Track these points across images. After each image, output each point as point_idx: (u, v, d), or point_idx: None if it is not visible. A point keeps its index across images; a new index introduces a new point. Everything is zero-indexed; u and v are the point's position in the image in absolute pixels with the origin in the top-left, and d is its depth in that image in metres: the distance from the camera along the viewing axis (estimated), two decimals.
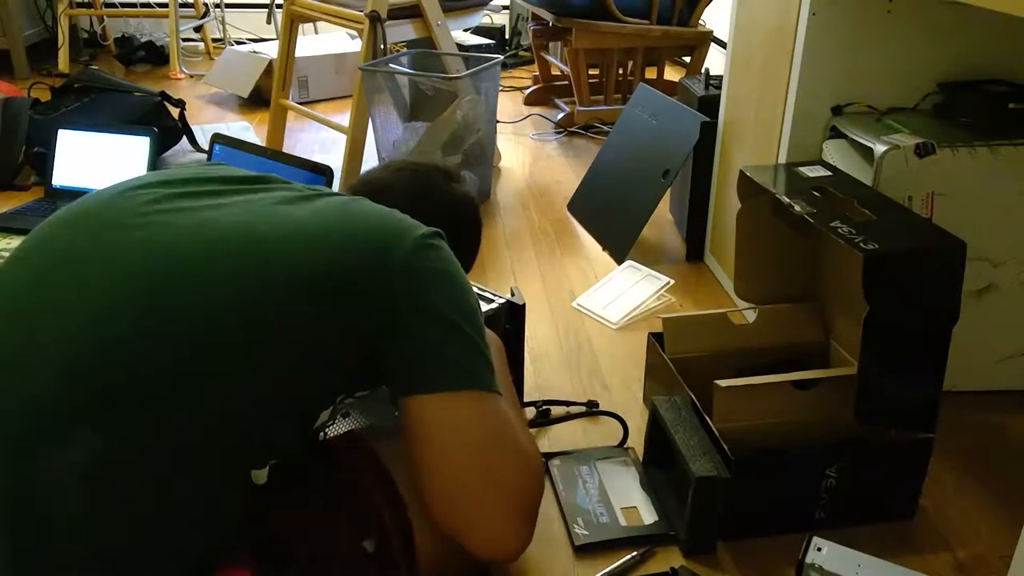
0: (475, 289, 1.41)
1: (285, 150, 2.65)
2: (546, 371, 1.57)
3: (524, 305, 1.40)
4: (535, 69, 3.41)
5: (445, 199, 1.10)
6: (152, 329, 0.74)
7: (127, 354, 0.73)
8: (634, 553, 1.13)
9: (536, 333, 1.70)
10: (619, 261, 1.99)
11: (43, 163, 2.27)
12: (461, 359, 0.84)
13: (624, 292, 1.85)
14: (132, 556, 0.73)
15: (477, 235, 1.15)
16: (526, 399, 1.47)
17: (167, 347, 0.74)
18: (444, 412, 0.83)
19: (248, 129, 2.98)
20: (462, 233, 1.10)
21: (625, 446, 1.35)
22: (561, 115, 3.08)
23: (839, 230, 1.11)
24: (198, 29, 4.01)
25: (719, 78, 1.99)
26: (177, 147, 2.62)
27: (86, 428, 0.72)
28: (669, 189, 2.06)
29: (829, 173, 1.34)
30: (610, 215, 2.14)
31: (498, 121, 2.50)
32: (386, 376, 0.87)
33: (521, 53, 4.03)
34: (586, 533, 1.16)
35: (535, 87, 3.36)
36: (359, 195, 0.99)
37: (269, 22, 3.10)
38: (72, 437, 0.72)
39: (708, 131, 1.91)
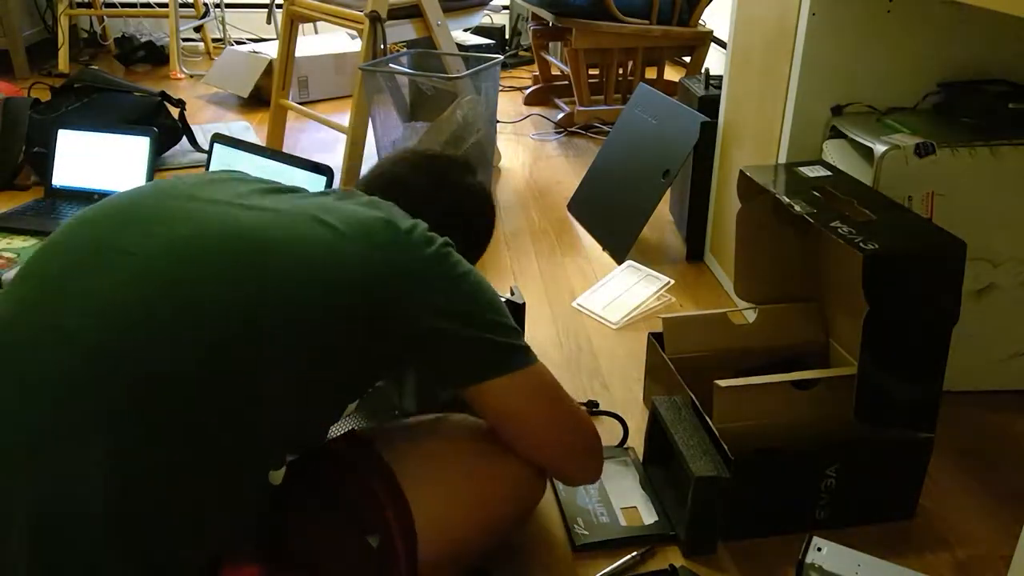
0: None
1: (285, 150, 2.65)
2: None
3: (524, 305, 1.40)
4: (535, 69, 3.41)
5: (460, 191, 1.10)
6: (179, 325, 0.75)
7: (153, 351, 0.74)
8: (634, 553, 1.13)
9: (536, 333, 1.70)
10: (619, 261, 1.99)
11: (43, 163, 2.27)
12: (506, 345, 0.91)
13: (624, 292, 1.85)
14: (154, 557, 0.73)
15: (491, 227, 1.16)
16: None
17: (195, 344, 0.74)
18: (513, 390, 0.92)
19: (248, 129, 2.98)
20: (476, 225, 1.12)
21: (625, 446, 1.35)
22: (561, 115, 3.08)
23: (839, 230, 1.11)
24: (198, 29, 4.00)
25: (719, 78, 1.99)
26: (177, 147, 2.62)
27: (111, 424, 0.72)
28: (669, 189, 2.06)
29: (829, 173, 1.34)
30: (610, 215, 2.14)
31: (498, 121, 2.50)
32: (439, 372, 0.93)
33: (521, 53, 4.03)
34: (586, 533, 1.16)
35: (535, 87, 3.36)
36: (372, 188, 1.03)
37: (269, 22, 3.10)
38: (96, 432, 0.71)
39: (708, 131, 1.91)
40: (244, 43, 3.90)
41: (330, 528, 0.88)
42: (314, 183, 1.87)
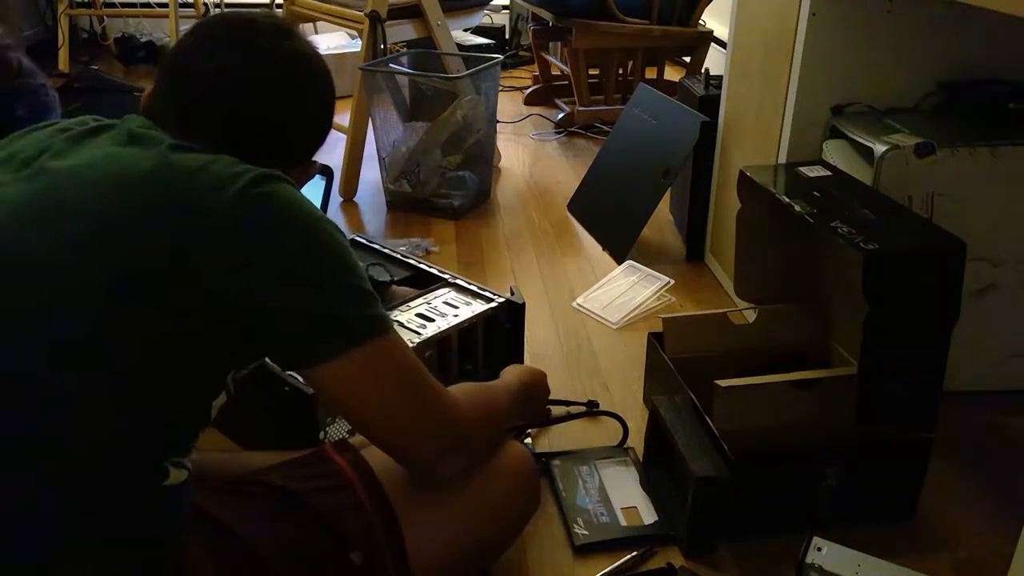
0: (475, 289, 1.41)
1: None
2: (546, 371, 1.56)
3: (524, 305, 1.40)
4: (535, 69, 3.41)
5: (282, 61, 0.88)
6: None
7: None
8: (634, 553, 1.13)
9: (536, 333, 1.70)
10: (619, 261, 1.99)
11: None
12: (345, 314, 0.79)
13: (624, 292, 1.85)
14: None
15: (328, 94, 0.96)
16: None
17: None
18: (349, 374, 0.79)
19: None
20: (311, 96, 0.93)
21: (625, 446, 1.35)
22: (561, 115, 3.08)
23: (839, 230, 1.11)
24: None
25: (719, 78, 1.99)
26: None
27: None
28: (669, 189, 2.06)
29: (829, 173, 1.34)
30: (610, 215, 2.14)
31: (498, 121, 2.50)
32: (271, 352, 0.83)
33: (521, 53, 4.03)
34: (586, 533, 1.16)
35: (535, 87, 3.36)
36: (173, 84, 0.87)
37: None
38: None
39: (708, 131, 1.91)
40: None
41: (312, 544, 0.85)
42: (314, 183, 1.87)
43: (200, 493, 0.84)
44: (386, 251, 1.53)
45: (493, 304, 1.38)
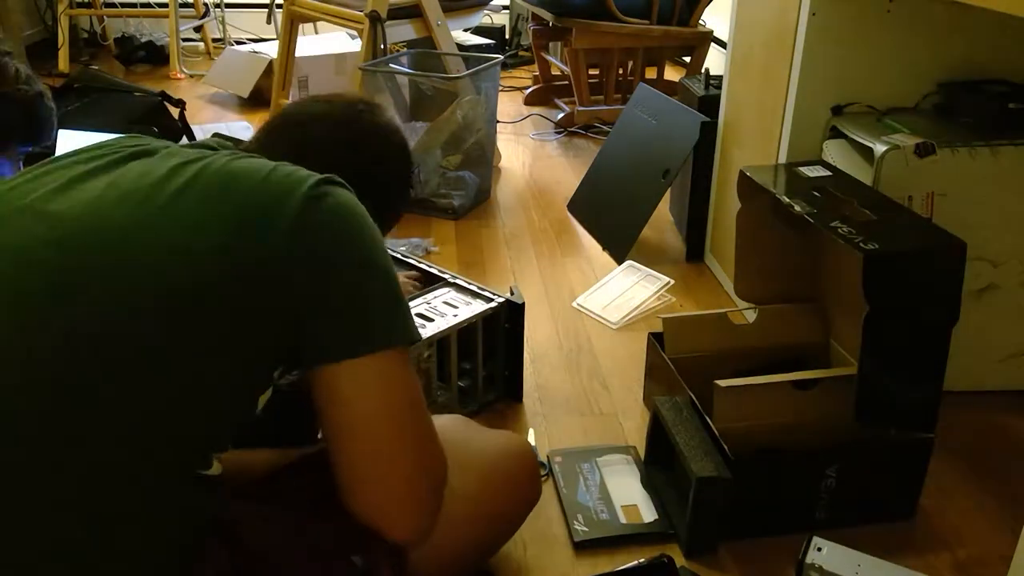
0: (475, 289, 1.42)
1: None
2: (546, 371, 1.57)
3: (523, 304, 1.40)
4: (535, 69, 3.41)
5: (367, 128, 1.00)
6: (30, 347, 0.69)
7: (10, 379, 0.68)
8: (641, 560, 1.12)
9: (536, 333, 1.70)
10: (619, 261, 1.99)
11: None
12: (378, 315, 0.79)
13: (624, 292, 1.85)
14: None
15: (407, 164, 1.05)
16: (526, 399, 1.47)
17: (49, 363, 0.69)
18: (360, 378, 0.79)
19: (248, 129, 2.98)
20: (390, 162, 1.03)
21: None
22: (561, 115, 3.08)
23: (839, 230, 1.11)
24: (198, 29, 4.00)
25: (719, 78, 1.99)
26: None
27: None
28: (669, 189, 2.06)
29: (829, 173, 1.34)
30: (610, 215, 2.14)
31: (498, 121, 2.50)
32: (301, 346, 0.79)
33: (521, 53, 4.03)
34: (586, 530, 1.16)
35: (535, 87, 3.36)
36: (276, 131, 0.96)
37: (269, 22, 3.10)
38: None
39: (708, 131, 1.91)
40: (244, 43, 3.90)
41: (312, 546, 0.84)
42: None
43: None
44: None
45: (493, 304, 1.38)
